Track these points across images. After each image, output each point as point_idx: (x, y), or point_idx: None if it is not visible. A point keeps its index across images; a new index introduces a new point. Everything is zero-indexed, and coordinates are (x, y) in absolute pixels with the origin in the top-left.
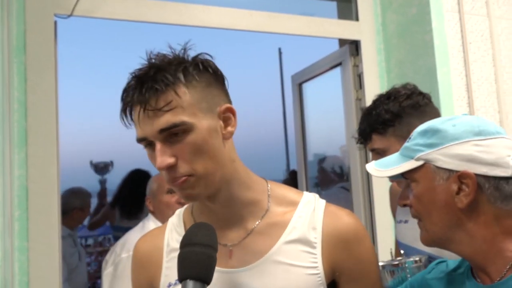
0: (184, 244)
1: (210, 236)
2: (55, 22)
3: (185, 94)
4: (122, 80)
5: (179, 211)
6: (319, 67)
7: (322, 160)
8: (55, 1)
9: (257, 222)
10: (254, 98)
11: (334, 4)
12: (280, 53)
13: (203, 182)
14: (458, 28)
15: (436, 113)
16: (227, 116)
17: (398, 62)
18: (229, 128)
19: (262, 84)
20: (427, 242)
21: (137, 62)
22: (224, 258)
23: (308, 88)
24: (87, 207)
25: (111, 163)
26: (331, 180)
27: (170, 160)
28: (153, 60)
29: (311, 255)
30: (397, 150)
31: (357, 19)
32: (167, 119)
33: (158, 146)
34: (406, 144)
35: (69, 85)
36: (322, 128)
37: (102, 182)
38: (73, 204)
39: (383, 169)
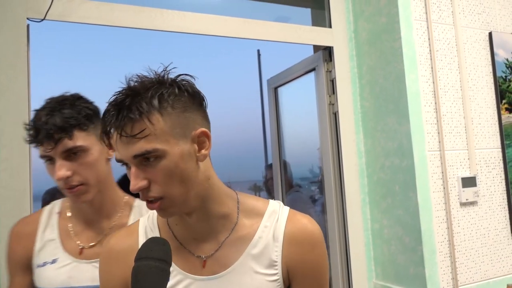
0: (139, 257)
1: (165, 251)
2: (28, 26)
3: (159, 121)
4: (96, 85)
5: (152, 213)
6: (294, 71)
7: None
8: (28, 4)
9: (227, 235)
10: (235, 99)
11: (309, 11)
12: (259, 55)
13: (176, 203)
14: (425, 37)
15: None
16: (202, 140)
17: (369, 68)
18: (203, 151)
19: (242, 85)
20: None
21: (112, 67)
22: (198, 268)
23: (284, 92)
24: None
25: None
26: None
27: (142, 184)
28: (132, 83)
29: (273, 262)
30: (97, 151)
31: (330, 26)
32: (140, 146)
33: (132, 169)
34: None
35: (42, 89)
36: (297, 132)
37: None
38: None
39: None
